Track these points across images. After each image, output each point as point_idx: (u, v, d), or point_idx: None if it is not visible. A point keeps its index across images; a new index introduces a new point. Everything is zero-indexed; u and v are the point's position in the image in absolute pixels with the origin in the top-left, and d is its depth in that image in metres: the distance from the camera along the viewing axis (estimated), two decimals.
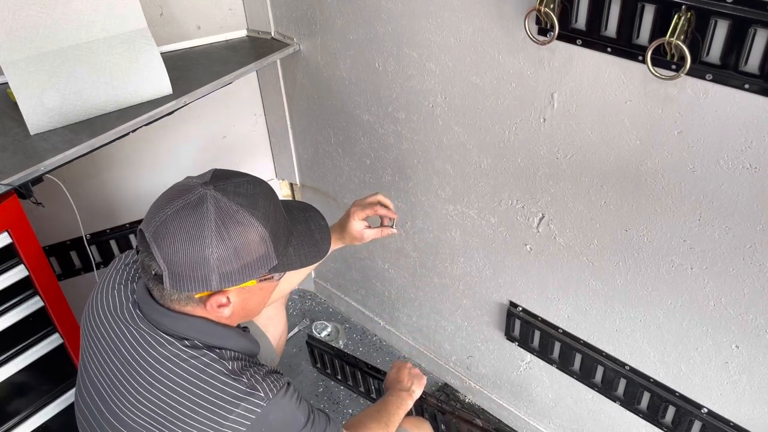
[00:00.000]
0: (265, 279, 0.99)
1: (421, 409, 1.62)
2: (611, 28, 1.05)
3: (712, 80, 0.97)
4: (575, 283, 1.41)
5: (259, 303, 1.04)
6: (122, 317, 1.01)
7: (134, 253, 1.12)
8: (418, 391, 1.41)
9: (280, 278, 1.03)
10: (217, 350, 0.98)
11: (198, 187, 0.93)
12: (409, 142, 1.57)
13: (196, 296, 0.95)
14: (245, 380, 0.96)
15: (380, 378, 1.75)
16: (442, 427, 1.62)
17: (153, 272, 0.93)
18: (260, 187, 0.98)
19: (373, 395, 1.85)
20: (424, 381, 1.44)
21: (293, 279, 1.43)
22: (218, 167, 1.01)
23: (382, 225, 1.38)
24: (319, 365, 2.00)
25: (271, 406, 0.96)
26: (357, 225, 1.35)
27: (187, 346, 0.97)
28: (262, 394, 0.96)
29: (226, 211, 0.92)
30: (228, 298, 0.96)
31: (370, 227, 1.36)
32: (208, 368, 0.96)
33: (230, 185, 0.95)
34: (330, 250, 1.37)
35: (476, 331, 1.78)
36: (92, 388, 1.04)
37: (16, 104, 1.40)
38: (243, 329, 1.11)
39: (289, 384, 1.02)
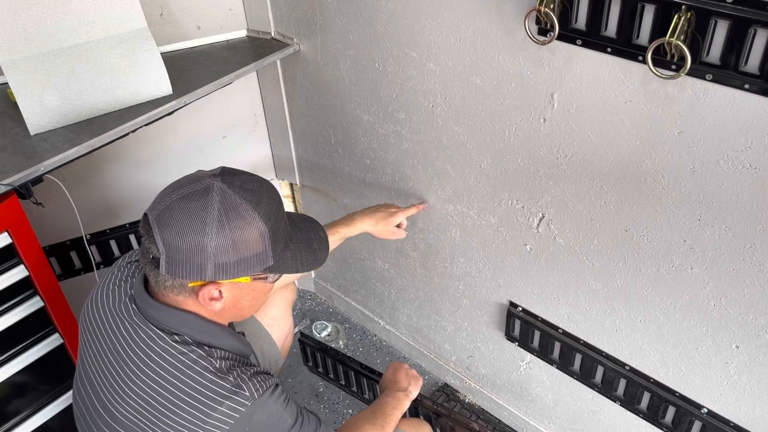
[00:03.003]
0: (259, 278, 0.99)
1: (416, 411, 1.62)
2: (611, 28, 1.05)
3: (712, 80, 0.97)
4: (575, 283, 1.41)
5: (251, 304, 1.04)
6: (118, 312, 1.02)
7: (137, 252, 1.13)
8: (414, 392, 1.41)
9: (275, 281, 1.03)
10: (207, 348, 0.99)
11: (206, 178, 0.95)
12: (409, 142, 1.57)
13: (190, 284, 0.95)
14: (231, 379, 0.96)
15: (374, 378, 1.75)
16: (437, 430, 1.62)
17: (151, 255, 0.94)
18: (266, 186, 1.00)
19: (366, 395, 1.85)
20: (421, 382, 1.44)
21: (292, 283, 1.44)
22: (215, 165, 1.03)
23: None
24: (310, 363, 1.99)
25: (255, 406, 0.96)
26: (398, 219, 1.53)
27: (176, 342, 0.97)
28: (247, 394, 0.96)
29: (230, 203, 0.93)
30: (220, 291, 0.97)
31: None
32: (195, 365, 0.96)
33: (237, 180, 0.96)
34: (359, 231, 1.48)
35: (476, 331, 1.78)
36: (87, 381, 1.05)
37: (16, 104, 1.40)
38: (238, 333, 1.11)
39: (277, 385, 1.02)
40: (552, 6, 1.07)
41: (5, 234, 1.27)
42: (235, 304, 1.00)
